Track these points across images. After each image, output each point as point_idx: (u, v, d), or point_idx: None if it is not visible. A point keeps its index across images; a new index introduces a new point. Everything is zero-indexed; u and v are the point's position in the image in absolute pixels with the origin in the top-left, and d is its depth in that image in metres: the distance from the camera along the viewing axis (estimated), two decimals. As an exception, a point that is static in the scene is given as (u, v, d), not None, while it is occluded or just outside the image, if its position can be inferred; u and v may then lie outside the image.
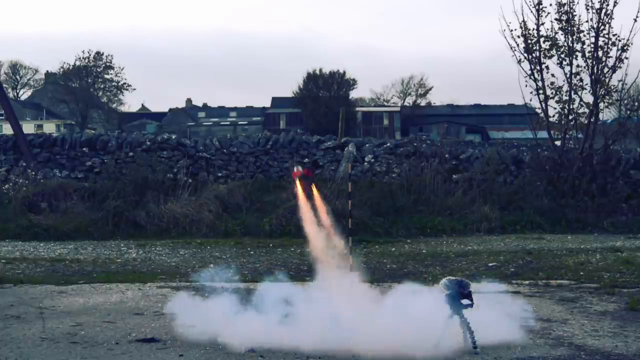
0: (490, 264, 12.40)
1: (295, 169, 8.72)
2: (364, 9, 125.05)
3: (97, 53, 70.48)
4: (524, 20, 19.01)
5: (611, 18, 18.64)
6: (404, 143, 21.44)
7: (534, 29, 19.04)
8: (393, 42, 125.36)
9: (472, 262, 12.70)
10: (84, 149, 20.34)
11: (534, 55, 19.10)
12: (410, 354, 6.58)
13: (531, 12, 19.05)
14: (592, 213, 17.96)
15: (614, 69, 18.84)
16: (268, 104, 75.55)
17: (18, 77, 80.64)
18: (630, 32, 18.68)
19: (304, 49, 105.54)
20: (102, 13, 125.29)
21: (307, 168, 10.12)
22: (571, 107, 19.13)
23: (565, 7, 18.84)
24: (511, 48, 19.12)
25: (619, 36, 18.70)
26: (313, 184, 8.72)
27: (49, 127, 61.13)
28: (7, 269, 12.13)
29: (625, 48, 18.67)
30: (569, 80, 18.99)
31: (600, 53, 18.78)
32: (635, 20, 18.58)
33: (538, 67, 19.13)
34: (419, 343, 6.67)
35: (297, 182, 8.59)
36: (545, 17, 19.02)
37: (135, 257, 13.50)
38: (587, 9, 18.74)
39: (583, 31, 18.82)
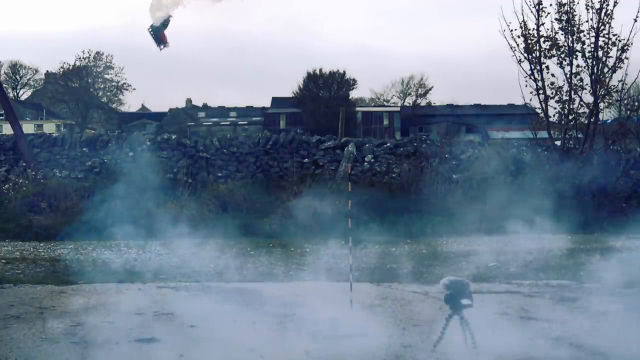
0: (490, 264, 12.40)
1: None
2: (364, 9, 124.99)
3: (97, 53, 70.39)
4: (524, 21, 19.04)
5: (611, 18, 18.66)
6: (404, 143, 21.47)
7: (534, 29, 19.06)
8: (393, 42, 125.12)
9: (472, 262, 12.70)
10: (84, 149, 20.37)
11: (534, 55, 19.11)
12: None
13: (531, 12, 19.08)
14: (592, 213, 17.96)
15: (614, 69, 18.85)
16: (268, 104, 75.50)
17: (18, 77, 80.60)
18: (630, 32, 18.71)
19: (304, 49, 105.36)
20: (102, 13, 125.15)
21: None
22: (571, 107, 19.14)
23: (565, 7, 18.85)
24: (511, 48, 19.15)
25: (619, 36, 18.72)
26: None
27: (49, 127, 61.16)
28: (7, 269, 12.12)
29: (625, 48, 18.68)
30: (569, 80, 19.00)
31: (600, 53, 18.79)
32: (635, 20, 18.59)
33: (538, 67, 19.14)
34: None
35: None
36: (545, 17, 19.05)
37: (135, 257, 13.49)
38: (587, 9, 18.76)
39: (583, 31, 18.85)
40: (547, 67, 19.13)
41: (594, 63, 18.78)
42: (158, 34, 11.49)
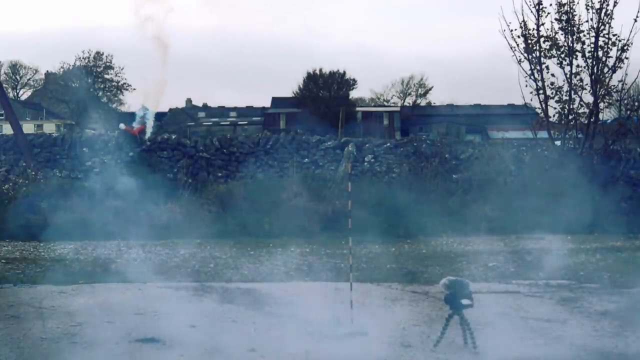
0: (490, 264, 12.40)
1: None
2: (363, 8, 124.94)
3: (97, 53, 70.32)
4: (524, 20, 19.06)
5: (611, 18, 18.68)
6: (404, 143, 21.50)
7: (534, 29, 19.07)
8: (393, 42, 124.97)
9: (472, 262, 12.70)
10: (84, 149, 20.38)
11: (534, 55, 19.11)
12: None
13: (531, 12, 19.11)
14: (592, 213, 17.95)
15: (614, 69, 18.86)
16: (268, 104, 75.46)
17: (18, 77, 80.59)
18: (630, 32, 18.74)
19: (304, 49, 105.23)
20: (102, 12, 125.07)
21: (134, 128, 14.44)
22: (571, 107, 19.15)
23: (565, 7, 18.87)
24: (511, 48, 19.17)
25: (619, 36, 18.74)
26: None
27: (49, 127, 61.14)
28: (7, 269, 12.12)
29: (625, 48, 18.69)
30: (569, 80, 19.00)
31: (600, 53, 18.80)
32: (635, 20, 18.61)
33: (538, 67, 19.15)
34: None
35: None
36: (545, 17, 19.07)
37: (135, 257, 13.49)
38: (587, 9, 18.78)
39: (583, 31, 18.87)
40: (547, 67, 19.17)
41: (594, 63, 18.79)
42: (130, 130, 13.51)
